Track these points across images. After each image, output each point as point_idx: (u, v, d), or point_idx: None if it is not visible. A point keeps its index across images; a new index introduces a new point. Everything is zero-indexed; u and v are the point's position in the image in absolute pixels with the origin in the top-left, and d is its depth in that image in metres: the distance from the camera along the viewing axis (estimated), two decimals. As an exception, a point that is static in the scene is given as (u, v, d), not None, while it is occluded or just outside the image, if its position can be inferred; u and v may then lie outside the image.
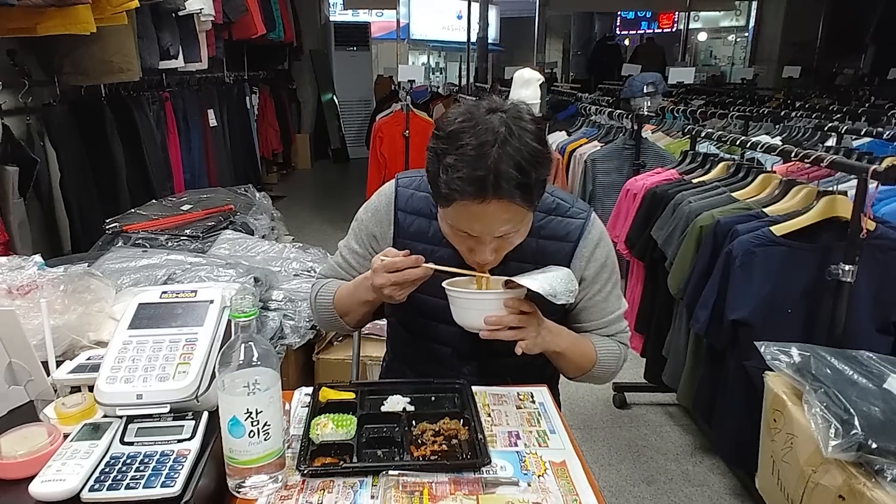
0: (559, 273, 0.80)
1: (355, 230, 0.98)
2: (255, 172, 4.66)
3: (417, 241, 0.91)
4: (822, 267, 1.33)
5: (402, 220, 0.92)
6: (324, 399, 0.84)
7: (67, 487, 0.59)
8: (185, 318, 0.75)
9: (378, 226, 0.94)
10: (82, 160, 2.37)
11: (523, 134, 0.75)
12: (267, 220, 2.02)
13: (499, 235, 0.80)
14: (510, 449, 0.78)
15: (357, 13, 7.36)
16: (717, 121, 2.73)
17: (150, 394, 0.67)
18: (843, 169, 1.37)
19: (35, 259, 1.03)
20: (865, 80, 5.20)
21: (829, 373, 0.99)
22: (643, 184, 1.95)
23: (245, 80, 4.73)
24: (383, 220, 0.94)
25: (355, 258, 0.98)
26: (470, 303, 0.81)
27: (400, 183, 0.95)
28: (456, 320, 0.83)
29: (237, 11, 3.56)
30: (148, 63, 2.56)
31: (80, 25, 1.75)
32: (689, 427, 1.95)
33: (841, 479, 0.90)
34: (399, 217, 0.92)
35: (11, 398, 0.75)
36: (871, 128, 2.31)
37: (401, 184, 0.95)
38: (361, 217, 0.97)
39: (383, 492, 0.69)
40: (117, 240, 1.66)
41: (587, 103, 3.49)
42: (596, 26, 9.67)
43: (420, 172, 0.91)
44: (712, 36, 9.43)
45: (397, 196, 0.94)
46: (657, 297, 1.87)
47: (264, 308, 1.34)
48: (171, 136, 3.14)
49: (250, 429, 0.64)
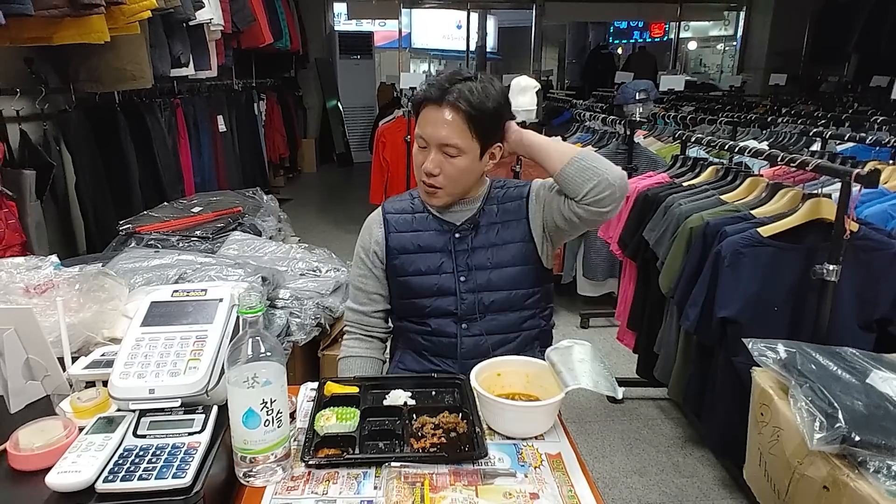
0: (584, 360, 0.84)
1: (356, 259, 1.13)
2: (263, 176, 4.69)
3: (403, 231, 1.08)
4: (807, 267, 1.36)
5: (391, 220, 1.09)
6: (329, 393, 0.86)
7: (83, 478, 0.60)
8: (195, 316, 0.77)
9: (373, 236, 1.10)
10: (97, 164, 2.40)
11: (487, 83, 0.97)
12: (274, 222, 2.04)
13: (443, 148, 0.96)
14: (508, 441, 0.80)
15: (361, 23, 7.43)
16: (706, 126, 2.78)
17: (162, 388, 0.69)
18: (827, 172, 1.39)
19: (51, 259, 1.05)
20: (849, 87, 5.28)
21: (814, 368, 1.01)
22: (635, 187, 1.99)
23: (253, 88, 4.79)
24: (375, 227, 1.10)
25: (364, 281, 1.11)
26: (524, 414, 0.82)
27: (385, 202, 1.14)
28: (508, 431, 0.82)
29: (246, 21, 3.61)
30: (160, 71, 2.60)
31: (94, 35, 1.78)
32: (679, 420, 1.98)
33: (825, 470, 0.91)
34: (388, 218, 1.09)
35: (29, 393, 0.77)
36: (855, 133, 2.36)
37: (386, 202, 1.14)
38: (359, 245, 1.12)
39: (386, 482, 0.71)
40: (130, 241, 1.66)
41: (582, 109, 3.53)
42: (590, 35, 9.78)
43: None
44: (702, 45, 9.55)
45: (384, 208, 1.12)
46: (649, 295, 1.89)
47: (271, 306, 1.36)
48: (182, 141, 3.17)
49: (266, 418, 0.67)
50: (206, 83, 3.68)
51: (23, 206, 1.91)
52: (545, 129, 3.58)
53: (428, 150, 0.98)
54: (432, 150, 0.97)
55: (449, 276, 1.04)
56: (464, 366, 1.00)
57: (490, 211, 1.06)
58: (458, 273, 1.04)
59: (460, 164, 0.98)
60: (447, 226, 1.06)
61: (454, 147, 0.96)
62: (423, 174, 1.00)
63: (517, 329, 1.07)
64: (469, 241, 1.04)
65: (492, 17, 9.25)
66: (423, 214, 1.08)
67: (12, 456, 0.65)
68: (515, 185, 1.10)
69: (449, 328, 1.06)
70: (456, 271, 1.04)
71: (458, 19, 8.78)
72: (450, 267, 1.04)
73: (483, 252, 1.04)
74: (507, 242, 1.05)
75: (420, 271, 1.05)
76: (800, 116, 3.11)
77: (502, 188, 1.09)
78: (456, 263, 1.04)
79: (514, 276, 1.04)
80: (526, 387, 0.88)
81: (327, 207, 4.93)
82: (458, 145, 0.96)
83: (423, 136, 0.98)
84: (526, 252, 1.05)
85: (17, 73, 2.13)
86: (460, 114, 0.94)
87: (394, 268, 1.07)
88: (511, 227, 1.05)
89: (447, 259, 1.05)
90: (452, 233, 1.05)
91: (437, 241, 1.05)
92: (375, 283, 1.10)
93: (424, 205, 1.08)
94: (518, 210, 1.06)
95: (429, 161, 0.97)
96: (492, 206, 1.06)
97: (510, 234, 1.05)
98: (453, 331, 1.05)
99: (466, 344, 1.05)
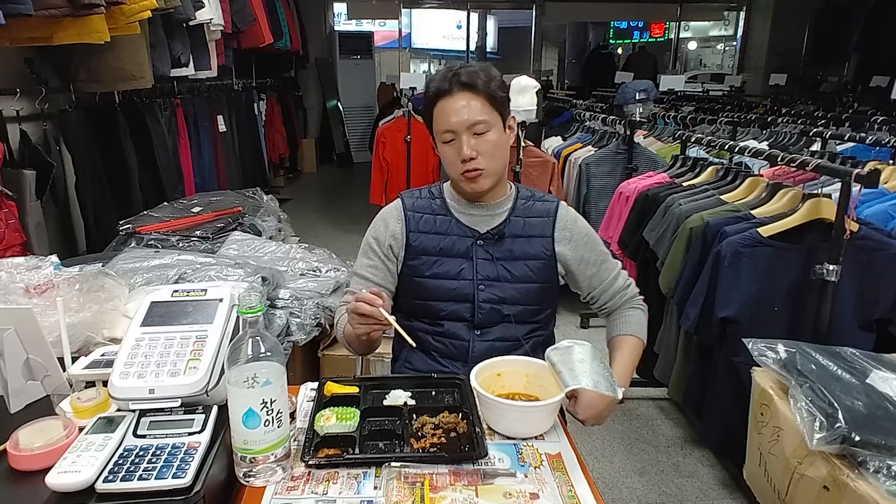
0: (585, 360, 0.85)
1: (366, 248, 1.08)
2: (263, 176, 4.70)
3: (426, 231, 1.05)
4: (807, 267, 1.36)
5: (411, 218, 1.06)
6: (329, 393, 0.86)
7: (82, 478, 0.60)
8: (195, 316, 0.77)
9: (390, 230, 1.06)
10: (97, 164, 2.41)
11: (486, 66, 1.01)
12: (274, 222, 2.04)
13: (473, 129, 0.97)
14: (508, 441, 0.81)
15: (361, 23, 7.45)
16: (706, 126, 2.78)
17: (162, 388, 0.69)
18: (827, 172, 1.39)
19: (51, 259, 1.06)
20: (849, 87, 5.28)
21: (814, 368, 1.01)
22: (635, 187, 1.99)
23: (253, 88, 4.80)
24: (392, 221, 1.07)
25: (372, 271, 1.07)
26: (525, 414, 0.82)
27: (403, 195, 1.11)
28: (508, 431, 0.83)
29: (245, 21, 3.61)
30: (160, 71, 2.60)
31: (94, 35, 1.79)
32: (679, 420, 1.98)
33: (825, 470, 0.92)
34: (408, 216, 1.06)
35: (29, 393, 0.77)
36: (855, 133, 2.36)
37: (404, 195, 1.11)
38: (370, 234, 1.08)
39: (386, 482, 0.71)
40: (130, 241, 1.67)
41: (582, 110, 3.53)
42: (590, 36, 9.79)
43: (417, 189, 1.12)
44: (702, 45, 9.57)
45: (403, 203, 1.08)
46: (648, 295, 1.85)
47: (271, 306, 1.36)
48: (182, 141, 3.17)
49: (266, 418, 0.67)
50: (206, 83, 3.68)
51: (23, 206, 1.92)
52: (545, 130, 3.58)
53: (457, 141, 0.98)
54: (462, 136, 0.97)
55: (468, 283, 1.03)
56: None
57: (516, 223, 1.05)
58: (479, 282, 1.03)
59: (493, 139, 0.99)
60: (470, 231, 1.04)
61: (483, 123, 0.97)
62: (460, 164, 0.98)
63: (527, 337, 1.06)
64: (492, 251, 1.03)
65: (492, 17, 9.26)
66: (446, 218, 1.05)
67: (12, 456, 0.65)
68: (542, 198, 1.09)
69: (462, 333, 1.05)
70: (476, 279, 1.03)
71: (458, 19, 8.79)
72: (470, 274, 1.03)
73: (506, 264, 1.04)
74: (530, 258, 1.04)
75: (438, 275, 1.04)
76: (800, 116, 3.11)
77: (529, 200, 1.08)
78: (476, 271, 1.03)
79: (534, 292, 1.04)
80: (526, 387, 0.88)
81: (327, 207, 4.94)
82: (485, 120, 0.98)
83: (450, 127, 0.98)
84: (546, 270, 1.05)
85: (17, 73, 2.13)
86: (475, 91, 0.97)
87: (411, 268, 1.05)
88: (535, 243, 1.05)
89: (468, 266, 1.03)
90: (476, 240, 1.04)
91: (459, 246, 1.04)
92: (385, 276, 1.06)
93: (447, 208, 1.06)
94: (543, 227, 1.05)
95: (465, 147, 0.97)
96: (518, 217, 1.05)
97: (534, 250, 1.04)
98: (466, 336, 1.05)
99: (478, 349, 1.04)
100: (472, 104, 0.97)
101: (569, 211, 1.09)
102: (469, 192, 1.03)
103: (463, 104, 0.97)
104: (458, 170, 0.99)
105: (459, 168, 0.99)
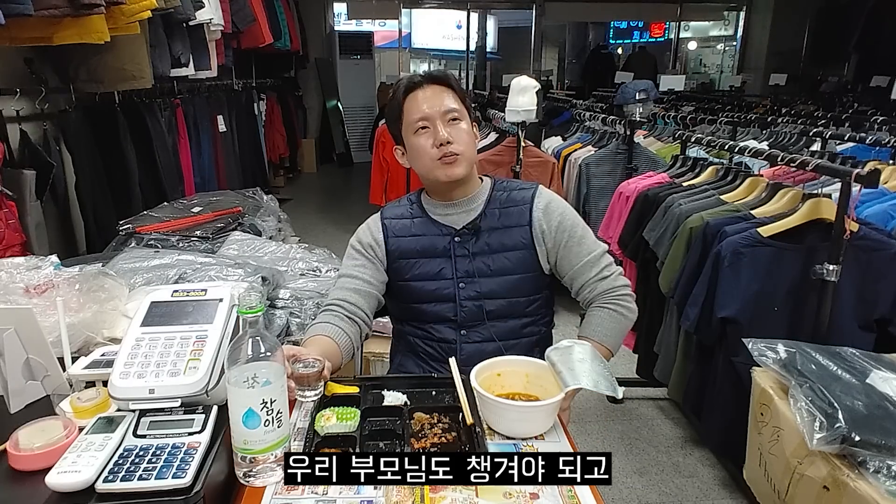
0: (584, 360, 0.84)
1: (350, 252, 1.11)
2: (263, 176, 4.71)
3: (403, 235, 1.08)
4: (807, 267, 1.36)
5: (388, 224, 1.09)
6: (329, 393, 0.86)
7: (82, 478, 0.60)
8: (195, 316, 0.77)
9: (371, 233, 1.10)
10: (97, 164, 2.41)
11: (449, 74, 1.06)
12: (274, 222, 2.03)
13: (447, 115, 1.00)
14: (508, 441, 0.80)
15: (361, 23, 7.45)
16: (706, 126, 2.78)
17: (162, 388, 0.69)
18: (827, 172, 1.39)
19: (51, 259, 1.06)
20: (849, 87, 5.28)
21: (814, 368, 1.01)
22: (635, 187, 1.99)
23: (253, 88, 4.80)
24: (374, 229, 1.10)
25: (360, 269, 1.08)
26: (525, 414, 0.81)
27: (383, 208, 1.15)
28: (508, 431, 0.82)
29: (245, 21, 3.61)
30: (160, 71, 2.60)
31: (94, 35, 1.79)
32: (679, 420, 1.98)
33: (825, 470, 0.92)
34: (385, 223, 1.10)
35: (29, 393, 0.77)
36: (855, 133, 2.37)
37: (384, 207, 1.15)
38: (353, 240, 1.12)
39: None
40: (130, 240, 1.66)
41: (581, 110, 3.53)
42: (590, 36, 9.79)
43: None
44: (702, 45, 9.56)
45: (382, 213, 1.12)
46: (649, 295, 1.89)
47: (271, 306, 1.36)
48: (182, 141, 3.17)
49: (266, 418, 0.67)
50: (206, 83, 3.68)
51: (23, 206, 1.92)
52: (545, 130, 3.58)
53: (430, 129, 1.00)
54: (437, 122, 1.00)
55: (448, 281, 1.04)
56: (464, 373, 1.00)
57: (492, 215, 1.05)
58: (458, 279, 1.04)
59: (465, 128, 1.02)
60: (447, 230, 1.05)
61: (455, 111, 1.01)
62: (436, 150, 1.00)
63: (517, 336, 1.06)
64: (469, 247, 1.04)
65: (492, 17, 9.26)
66: (422, 219, 1.07)
67: (12, 456, 0.65)
68: (519, 187, 1.09)
69: (448, 335, 1.05)
70: (455, 277, 1.04)
71: (458, 19, 8.79)
72: (449, 273, 1.04)
73: (483, 258, 1.03)
74: (508, 249, 1.04)
75: (420, 276, 1.05)
76: (800, 116, 3.11)
77: (504, 190, 1.08)
78: (456, 269, 1.04)
79: (515, 283, 1.04)
80: (526, 387, 0.88)
81: (327, 207, 4.94)
82: (458, 109, 1.01)
83: (423, 115, 1.00)
84: (527, 259, 1.04)
85: (17, 73, 2.13)
86: (445, 84, 1.03)
87: (395, 271, 1.07)
88: (513, 233, 1.04)
89: (447, 264, 1.04)
90: (452, 237, 1.04)
91: (437, 245, 1.05)
92: (374, 273, 1.06)
93: (423, 209, 1.08)
94: (521, 216, 1.05)
95: (441, 131, 0.99)
96: (493, 209, 1.05)
97: (511, 241, 1.04)
98: (453, 337, 1.05)
99: (466, 350, 1.04)
100: (444, 94, 1.01)
101: (545, 193, 1.08)
102: (444, 183, 1.02)
103: (436, 94, 1.01)
104: (434, 156, 1.00)
105: (435, 154, 1.00)
